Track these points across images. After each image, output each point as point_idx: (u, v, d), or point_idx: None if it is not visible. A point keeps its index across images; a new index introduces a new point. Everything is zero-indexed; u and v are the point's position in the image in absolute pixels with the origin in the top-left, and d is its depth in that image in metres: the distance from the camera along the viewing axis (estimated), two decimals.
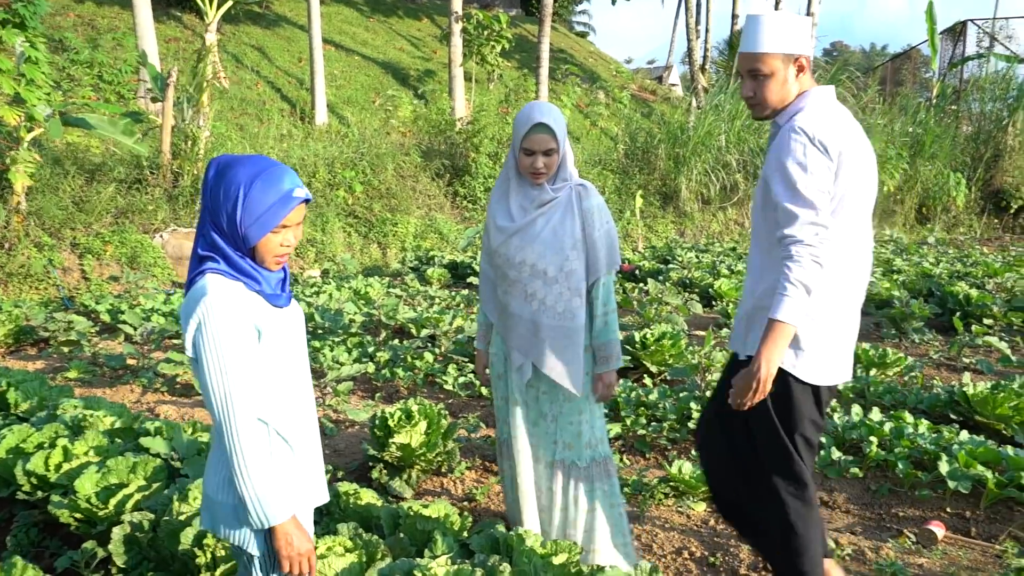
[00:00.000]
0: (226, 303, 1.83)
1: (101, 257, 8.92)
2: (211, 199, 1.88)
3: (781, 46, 2.46)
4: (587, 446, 3.05)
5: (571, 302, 2.97)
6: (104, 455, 3.66)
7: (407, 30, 22.70)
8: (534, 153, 2.88)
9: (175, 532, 3.00)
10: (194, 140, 10.44)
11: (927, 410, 5.05)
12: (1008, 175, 15.41)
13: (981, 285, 8.63)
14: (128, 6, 13.98)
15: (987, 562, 3.47)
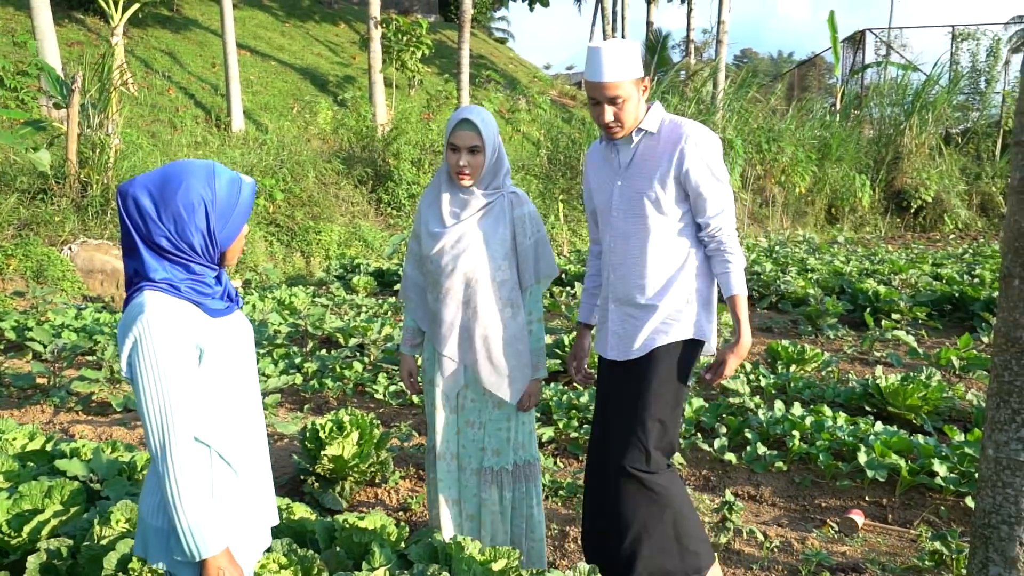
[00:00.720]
0: (165, 320, 1.74)
1: (4, 271, 8.53)
2: (166, 222, 1.77)
3: (634, 70, 2.66)
4: (514, 449, 3.06)
5: (503, 312, 2.97)
6: (16, 480, 3.50)
7: (324, 35, 22.42)
8: (459, 150, 2.87)
9: (97, 557, 2.88)
10: (102, 148, 10.09)
11: (844, 403, 5.21)
12: (907, 176, 16.08)
13: (888, 282, 8.94)
14: (25, 7, 13.40)
15: (904, 547, 3.61)
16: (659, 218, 2.72)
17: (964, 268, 9.87)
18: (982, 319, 7.45)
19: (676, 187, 2.70)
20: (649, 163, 2.73)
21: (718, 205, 2.70)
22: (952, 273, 9.16)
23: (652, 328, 2.75)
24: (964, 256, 11.46)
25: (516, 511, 3.09)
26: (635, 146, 2.77)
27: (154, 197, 1.77)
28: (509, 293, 2.97)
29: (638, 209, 2.74)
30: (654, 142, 2.74)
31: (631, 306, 2.79)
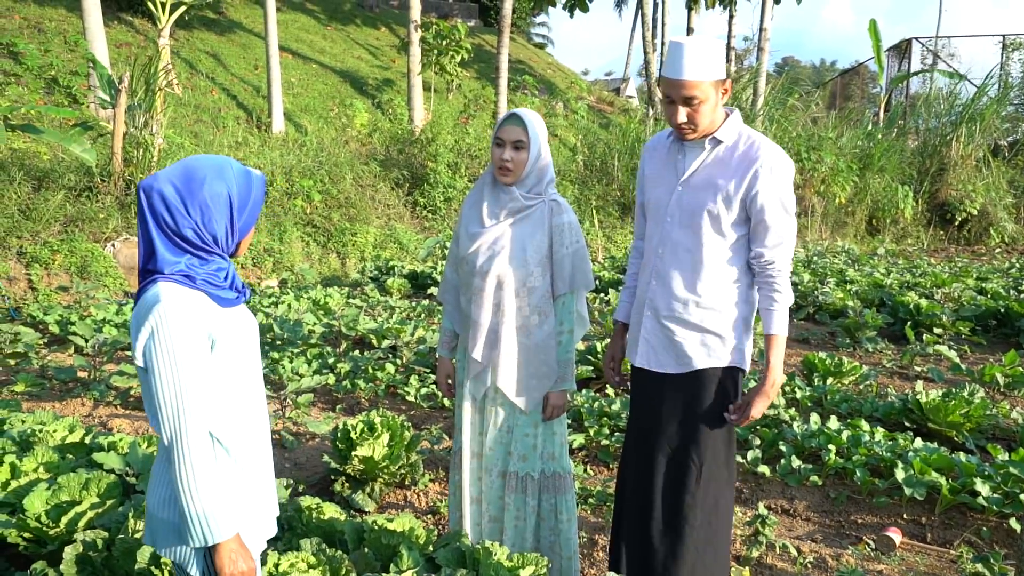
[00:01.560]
0: (180, 310, 1.77)
1: (49, 266, 8.69)
2: (194, 214, 1.82)
3: (713, 73, 2.52)
4: (541, 458, 3.03)
5: (530, 318, 2.95)
6: (55, 471, 3.55)
7: (365, 39, 22.59)
8: (504, 144, 2.87)
9: (131, 550, 2.92)
10: (146, 148, 10.25)
11: (882, 418, 5.13)
12: (952, 188, 15.79)
13: (930, 295, 8.79)
14: (76, 9, 13.69)
15: (943, 567, 3.54)
16: (716, 236, 2.62)
17: (1010, 283, 9.66)
18: None
19: (740, 208, 2.59)
20: (717, 176, 2.61)
21: (779, 237, 2.58)
22: (997, 288, 8.97)
23: (692, 346, 2.68)
24: (1010, 271, 11.21)
25: (544, 523, 3.06)
26: (705, 155, 2.65)
27: (179, 190, 1.81)
28: (539, 300, 2.95)
29: (696, 221, 2.63)
30: (727, 155, 2.62)
31: (671, 319, 2.70)
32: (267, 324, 7.19)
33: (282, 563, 2.72)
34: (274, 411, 5.27)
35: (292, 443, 4.86)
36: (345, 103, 17.43)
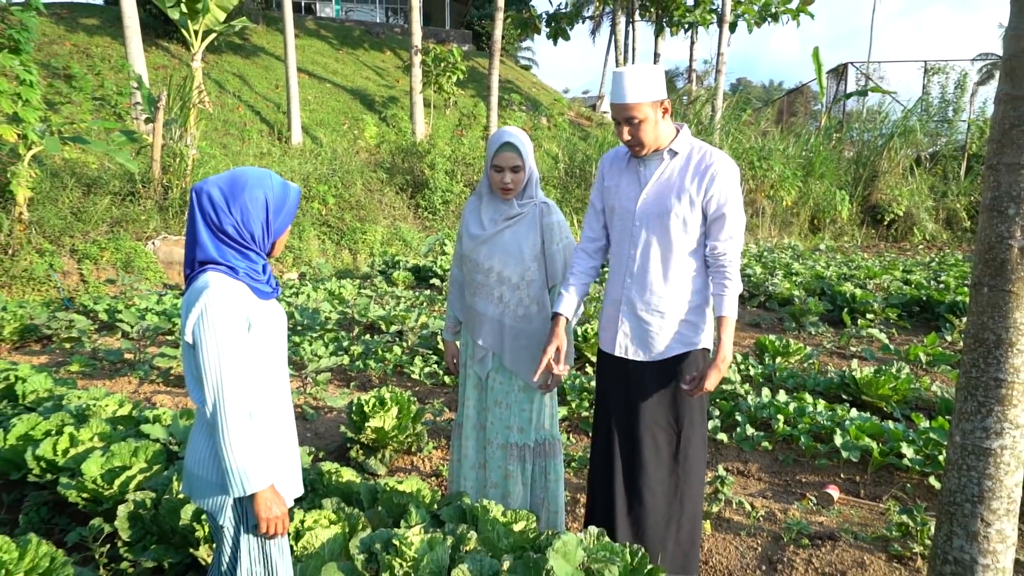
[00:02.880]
0: (226, 296, 1.83)
1: (98, 262, 8.63)
2: (235, 214, 1.88)
3: (654, 92, 2.53)
4: (535, 428, 3.04)
5: (529, 308, 2.96)
6: (108, 441, 3.56)
7: (372, 61, 22.45)
8: (503, 169, 2.86)
9: (175, 509, 2.93)
10: (182, 157, 10.21)
11: (823, 391, 5.18)
12: (882, 193, 15.85)
13: (864, 285, 8.85)
14: (119, 36, 13.57)
15: (874, 519, 3.58)
16: (682, 234, 2.62)
17: (931, 275, 9.73)
18: (946, 320, 7.35)
19: (700, 208, 2.61)
20: (678, 182, 2.62)
21: (730, 232, 2.60)
22: (920, 279, 9.03)
23: (672, 334, 2.68)
24: (931, 264, 11.30)
25: (536, 483, 3.07)
26: (664, 165, 2.65)
27: (224, 193, 1.87)
28: (537, 292, 2.96)
29: (664, 223, 2.63)
30: (684, 164, 2.63)
31: (649, 312, 2.68)
32: (289, 312, 7.18)
33: (307, 519, 2.74)
34: (296, 388, 5.27)
35: (312, 415, 4.87)
36: (355, 118, 17.34)
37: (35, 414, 3.75)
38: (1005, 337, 1.89)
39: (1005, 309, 1.89)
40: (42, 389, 4.42)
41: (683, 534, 2.80)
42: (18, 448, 3.44)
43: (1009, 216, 1.87)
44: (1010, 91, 1.89)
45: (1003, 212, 1.88)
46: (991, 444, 1.92)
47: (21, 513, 3.28)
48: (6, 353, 6.04)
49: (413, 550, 2.50)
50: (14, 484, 3.56)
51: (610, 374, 2.86)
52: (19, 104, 6.99)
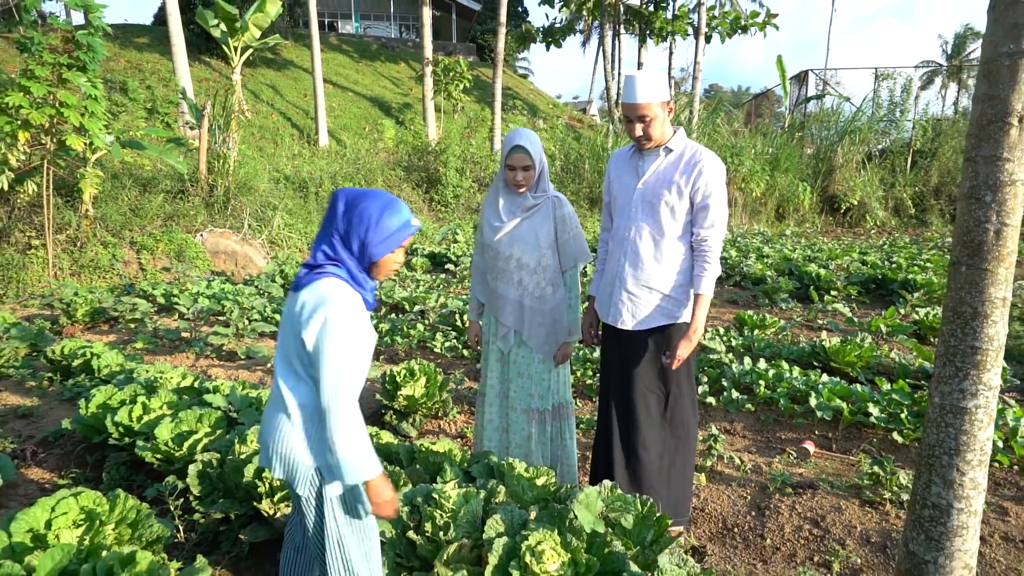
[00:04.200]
0: (347, 310, 1.76)
1: (154, 252, 8.59)
2: (344, 223, 1.81)
3: (661, 94, 2.55)
4: (552, 395, 3.04)
5: (545, 289, 2.94)
6: (175, 408, 3.55)
7: (389, 72, 22.24)
8: (515, 169, 2.83)
9: (239, 468, 2.92)
10: (224, 159, 10.10)
11: (797, 359, 5.17)
12: (838, 185, 15.76)
13: (826, 266, 8.82)
14: (167, 53, 13.43)
15: (846, 470, 3.59)
16: (671, 221, 2.63)
17: (884, 256, 9.71)
18: (900, 295, 7.33)
19: (688, 199, 2.60)
20: (670, 176, 2.62)
21: (712, 220, 2.60)
22: (875, 260, 9.02)
23: (656, 307, 2.68)
24: (883, 247, 11.27)
25: (553, 443, 3.07)
26: (660, 160, 2.66)
27: (347, 203, 1.81)
28: (551, 276, 2.94)
29: (656, 210, 2.63)
30: (676, 160, 2.64)
31: (639, 287, 2.69)
32: None
33: None
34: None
35: None
36: (375, 122, 17.20)
37: (110, 386, 3.73)
38: (981, 310, 1.87)
39: (981, 285, 1.86)
40: (114, 364, 4.41)
41: (674, 484, 2.81)
42: (98, 415, 3.43)
43: (986, 203, 1.84)
44: (987, 91, 1.85)
45: (980, 199, 1.85)
46: (967, 404, 1.91)
47: (104, 471, 3.28)
48: (79, 333, 6.01)
49: (451, 502, 2.50)
50: (95, 447, 3.55)
51: (608, 343, 2.88)
52: (86, 116, 6.93)
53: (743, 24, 20.31)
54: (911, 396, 4.08)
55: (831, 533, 2.95)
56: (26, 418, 4.05)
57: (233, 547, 2.81)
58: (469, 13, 28.01)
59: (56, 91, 6.80)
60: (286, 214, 10.67)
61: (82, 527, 2.31)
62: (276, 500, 2.81)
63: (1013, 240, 1.86)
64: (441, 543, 2.39)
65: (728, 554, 2.85)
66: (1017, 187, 1.83)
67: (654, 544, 2.38)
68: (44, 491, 3.17)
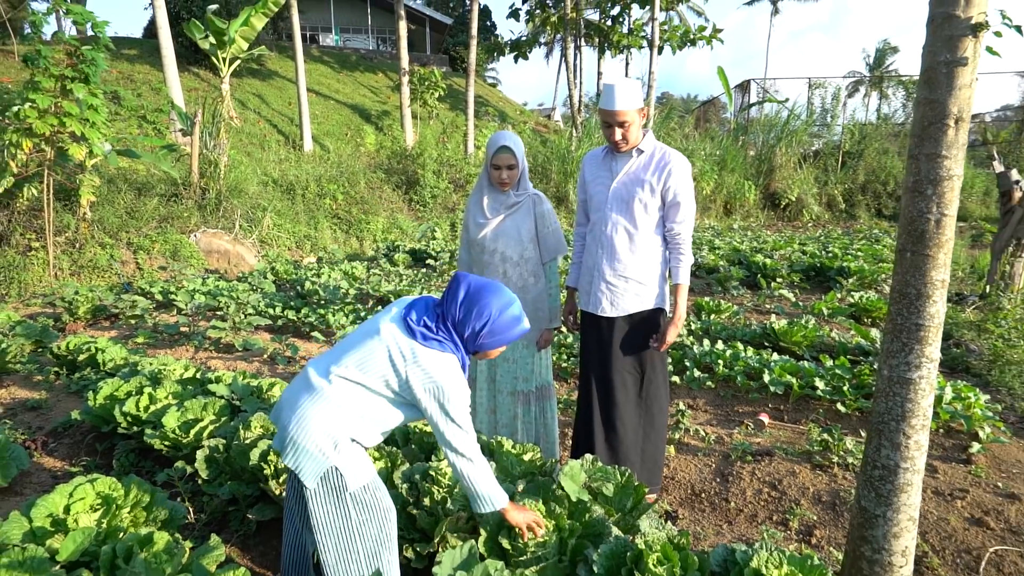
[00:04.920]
0: (461, 385, 1.83)
1: (150, 252, 8.35)
2: (462, 312, 1.84)
3: (637, 101, 2.55)
4: (536, 377, 3.04)
5: (528, 280, 2.94)
6: (180, 398, 3.46)
7: (368, 81, 21.91)
8: (500, 168, 2.82)
9: (245, 451, 2.86)
10: (215, 164, 9.86)
11: (749, 340, 5.24)
12: (778, 183, 16.02)
13: (771, 256, 8.96)
14: (157, 64, 13.03)
15: (797, 438, 3.66)
16: (644, 216, 2.64)
17: (821, 246, 9.92)
18: (837, 281, 7.50)
19: (659, 196, 2.62)
20: (642, 175, 2.63)
21: (683, 215, 2.63)
22: (814, 250, 9.21)
23: (634, 296, 2.69)
24: (820, 238, 11.52)
25: (537, 421, 3.08)
26: (632, 161, 2.66)
27: (469, 293, 1.85)
28: (533, 267, 2.94)
29: (630, 206, 2.64)
30: (648, 160, 2.65)
31: (616, 278, 2.69)
32: (313, 289, 7.02)
33: None
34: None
35: None
36: (356, 128, 16.96)
37: (116, 378, 3.62)
38: (923, 291, 1.92)
39: (924, 269, 1.91)
40: (118, 357, 4.29)
41: (648, 456, 2.83)
42: (106, 406, 3.34)
43: (928, 195, 1.89)
44: (927, 95, 1.89)
45: (923, 192, 1.89)
46: (912, 375, 1.96)
47: (114, 459, 3.19)
48: (82, 329, 5.82)
49: (447, 479, 2.48)
50: (104, 436, 3.45)
51: (588, 329, 2.88)
52: (86, 126, 6.71)
53: (692, 38, 20.47)
54: (851, 371, 4.18)
55: (787, 495, 3.01)
56: (35, 410, 3.91)
57: (241, 526, 2.76)
58: (442, 27, 27.75)
59: (59, 101, 6.57)
60: (275, 215, 10.47)
61: (99, 511, 2.24)
62: (282, 481, 2.76)
63: (951, 229, 1.91)
64: (439, 516, 2.38)
65: (697, 517, 2.89)
66: (954, 181, 1.88)
67: (633, 510, 2.41)
68: (57, 479, 3.07)
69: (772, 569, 1.82)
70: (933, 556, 2.60)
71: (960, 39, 1.83)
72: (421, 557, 2.36)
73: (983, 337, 5.31)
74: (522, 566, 2.01)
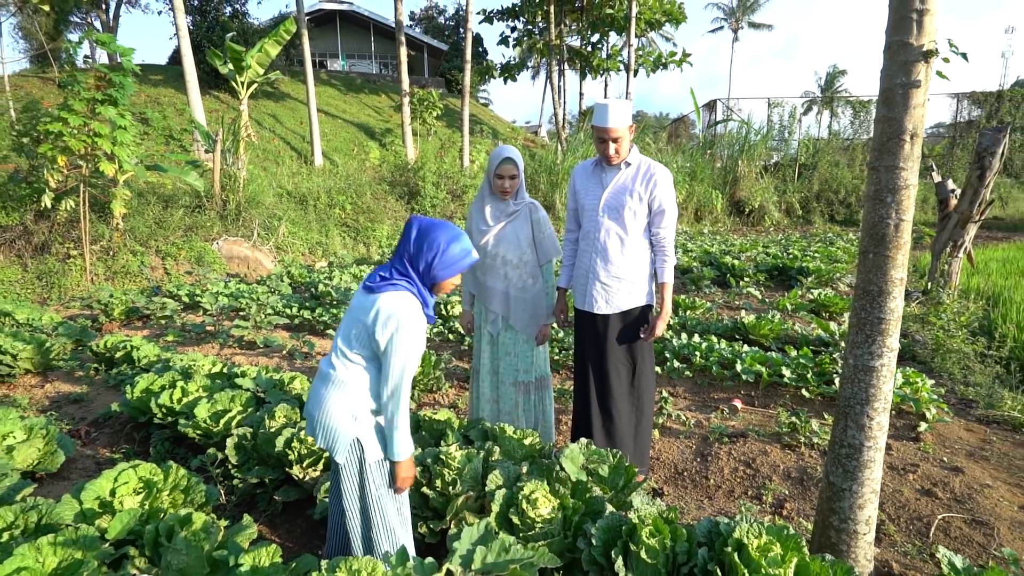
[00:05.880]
0: (416, 317, 1.77)
1: (177, 259, 8.26)
2: (415, 247, 1.79)
3: (629, 119, 2.57)
4: (535, 368, 3.03)
5: (527, 281, 2.93)
6: (210, 391, 3.43)
7: (372, 102, 21.81)
8: (503, 177, 2.82)
9: (270, 439, 2.85)
10: (235, 178, 9.79)
11: (722, 334, 5.26)
12: (742, 191, 16.10)
13: (738, 257, 9.00)
14: (182, 88, 12.91)
15: (767, 421, 3.68)
16: (633, 222, 2.65)
17: (782, 249, 9.99)
18: (797, 279, 7.55)
19: (646, 204, 2.63)
20: (630, 185, 2.64)
21: (667, 221, 2.65)
22: (776, 252, 9.27)
23: (626, 294, 2.69)
24: (781, 241, 11.60)
25: (536, 408, 3.07)
26: (621, 173, 2.67)
27: (420, 230, 1.80)
28: (531, 269, 2.93)
29: (620, 214, 2.65)
30: (635, 172, 2.66)
31: (610, 278, 2.69)
32: (325, 291, 6.97)
33: None
34: None
35: None
36: (362, 145, 16.87)
37: (151, 373, 3.59)
38: (884, 288, 1.94)
39: (884, 268, 1.93)
40: (151, 354, 4.24)
41: (639, 439, 2.84)
42: (143, 399, 3.30)
43: (887, 203, 1.91)
44: (886, 114, 1.91)
45: (883, 200, 1.92)
46: (875, 363, 1.98)
47: (151, 446, 3.15)
48: (117, 329, 5.75)
49: (456, 462, 2.48)
50: (140, 425, 3.42)
51: (583, 325, 2.87)
52: (116, 144, 6.66)
53: (664, 62, 20.55)
54: (813, 360, 4.21)
55: (760, 472, 3.03)
56: (77, 403, 3.86)
57: (268, 506, 2.74)
58: (439, 52, 27.69)
59: (90, 122, 6.53)
60: (289, 224, 10.40)
61: (141, 494, 2.22)
62: (305, 466, 2.75)
63: (908, 232, 1.93)
64: (450, 496, 2.37)
65: (681, 493, 2.91)
66: (911, 190, 1.91)
67: (625, 488, 2.41)
68: (99, 465, 3.03)
69: (752, 539, 1.83)
70: (890, 524, 2.63)
71: (914, 64, 1.85)
72: (434, 533, 2.36)
73: (926, 329, 5.37)
74: (531, 540, 2.01)
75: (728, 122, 19.41)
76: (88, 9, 18.66)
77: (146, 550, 1.88)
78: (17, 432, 2.78)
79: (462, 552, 1.74)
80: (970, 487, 2.85)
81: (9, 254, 7.17)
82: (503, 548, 1.68)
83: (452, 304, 6.20)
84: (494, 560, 1.67)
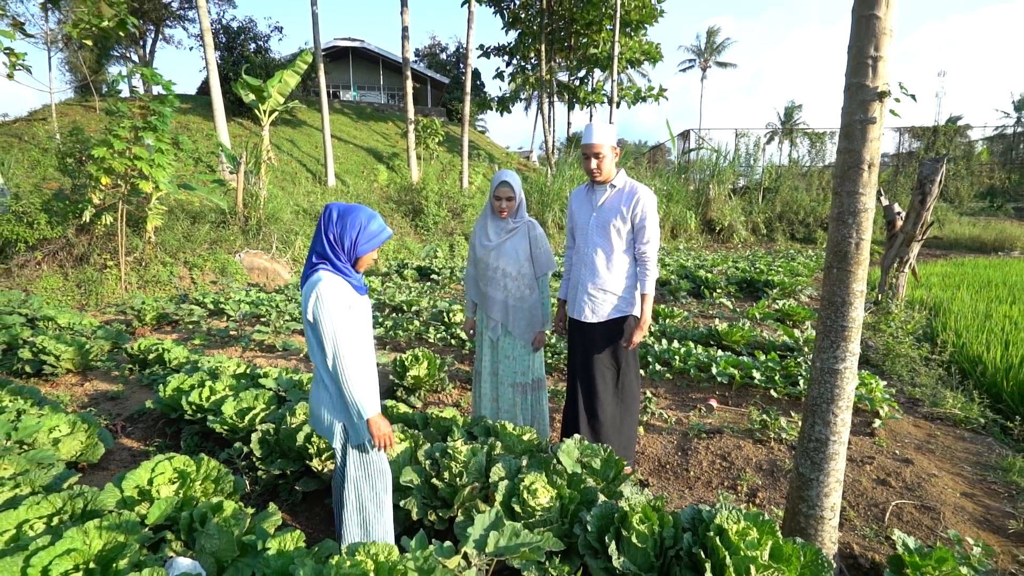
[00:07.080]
0: (334, 287, 1.77)
1: (203, 269, 8.21)
2: (338, 227, 1.79)
3: (611, 139, 2.58)
4: (532, 371, 3.04)
5: (524, 291, 2.95)
6: (235, 390, 3.42)
7: (380, 129, 21.86)
8: (501, 199, 2.84)
9: (291, 434, 2.84)
10: (256, 197, 9.77)
11: (698, 340, 5.27)
12: (713, 212, 16.23)
13: (711, 271, 9.05)
14: (209, 116, 12.91)
15: (740, 419, 3.69)
16: (618, 239, 2.66)
17: (750, 264, 10.06)
18: (764, 291, 7.60)
19: (630, 222, 2.64)
20: (616, 205, 2.66)
21: (649, 237, 2.64)
22: (744, 266, 9.33)
23: (611, 305, 2.70)
24: (748, 257, 11.69)
25: (532, 407, 3.07)
26: (608, 193, 2.68)
27: (340, 212, 1.81)
28: (528, 281, 2.94)
29: (607, 231, 2.67)
30: (620, 193, 2.68)
31: (596, 290, 2.70)
32: None
33: None
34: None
35: None
36: (371, 168, 16.89)
37: (181, 374, 3.57)
38: (847, 299, 1.98)
39: (847, 282, 1.97)
40: (181, 357, 4.21)
41: (623, 436, 2.84)
42: (174, 396, 3.28)
43: (849, 224, 1.95)
44: (847, 146, 1.96)
45: (845, 222, 1.96)
46: (839, 366, 2.01)
47: (181, 440, 3.13)
48: (149, 333, 5.71)
49: (462, 455, 2.48)
50: (172, 421, 3.39)
51: (574, 333, 2.88)
52: (154, 167, 6.70)
53: (643, 95, 20.82)
54: (780, 364, 4.24)
55: (735, 464, 3.05)
56: (114, 400, 3.82)
57: (290, 496, 2.72)
58: (441, 85, 27.89)
59: (132, 147, 6.57)
60: (305, 238, 10.37)
61: (176, 483, 2.20)
62: (324, 459, 2.74)
63: (867, 249, 1.98)
64: (457, 487, 2.38)
65: (664, 484, 2.91)
66: (869, 213, 1.95)
67: (615, 480, 2.42)
68: (135, 457, 3.00)
69: (732, 524, 1.84)
70: (850, 510, 2.65)
71: (870, 103, 1.90)
72: (443, 520, 2.35)
73: (877, 336, 5.43)
74: (532, 527, 2.01)
75: (700, 150, 19.64)
76: (127, 45, 18.66)
77: (181, 534, 1.87)
78: (62, 426, 2.75)
79: (475, 536, 1.74)
80: (919, 476, 2.89)
81: (52, 264, 7.13)
82: (513, 533, 1.69)
83: (454, 312, 6.20)
84: (506, 544, 1.67)
